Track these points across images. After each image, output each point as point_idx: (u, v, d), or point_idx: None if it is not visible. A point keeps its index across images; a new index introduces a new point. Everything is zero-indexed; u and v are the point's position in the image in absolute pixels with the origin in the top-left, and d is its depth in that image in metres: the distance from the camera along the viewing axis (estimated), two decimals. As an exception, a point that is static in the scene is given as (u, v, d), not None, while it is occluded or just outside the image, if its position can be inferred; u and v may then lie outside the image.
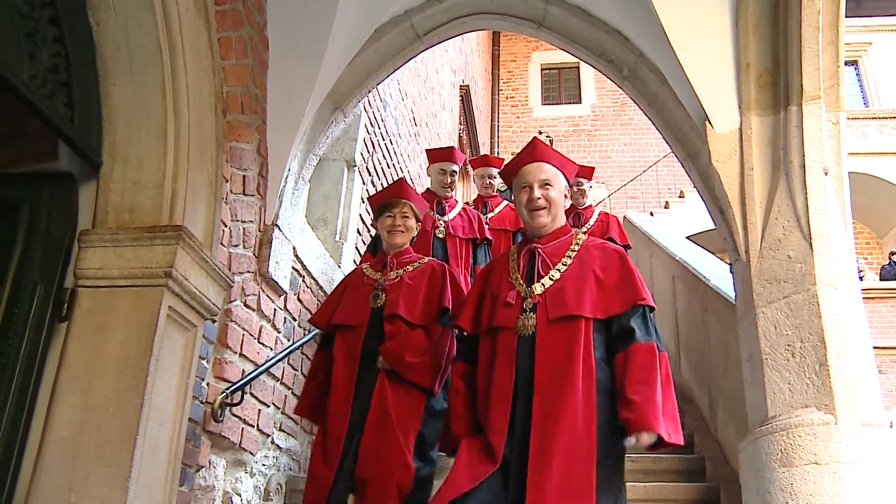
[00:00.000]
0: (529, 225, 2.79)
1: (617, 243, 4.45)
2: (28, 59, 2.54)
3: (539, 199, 2.72)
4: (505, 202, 5.71)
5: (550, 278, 2.65)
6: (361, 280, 3.42)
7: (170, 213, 2.91)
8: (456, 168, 5.24)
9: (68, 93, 2.75)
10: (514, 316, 2.61)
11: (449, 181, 5.20)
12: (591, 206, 5.70)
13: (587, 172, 5.77)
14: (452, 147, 5.51)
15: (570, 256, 2.70)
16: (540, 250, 2.73)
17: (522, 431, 2.43)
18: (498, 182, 5.82)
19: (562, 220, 2.81)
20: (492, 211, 5.60)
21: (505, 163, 3.29)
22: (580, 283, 2.61)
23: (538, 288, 2.63)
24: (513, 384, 2.52)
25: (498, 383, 2.54)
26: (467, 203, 5.72)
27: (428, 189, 5.27)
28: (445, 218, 5.05)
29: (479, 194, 5.86)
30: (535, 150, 2.83)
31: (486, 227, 5.32)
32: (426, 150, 5.59)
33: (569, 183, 2.87)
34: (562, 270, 2.66)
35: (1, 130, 3.04)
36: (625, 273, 2.64)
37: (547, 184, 2.74)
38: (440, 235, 4.94)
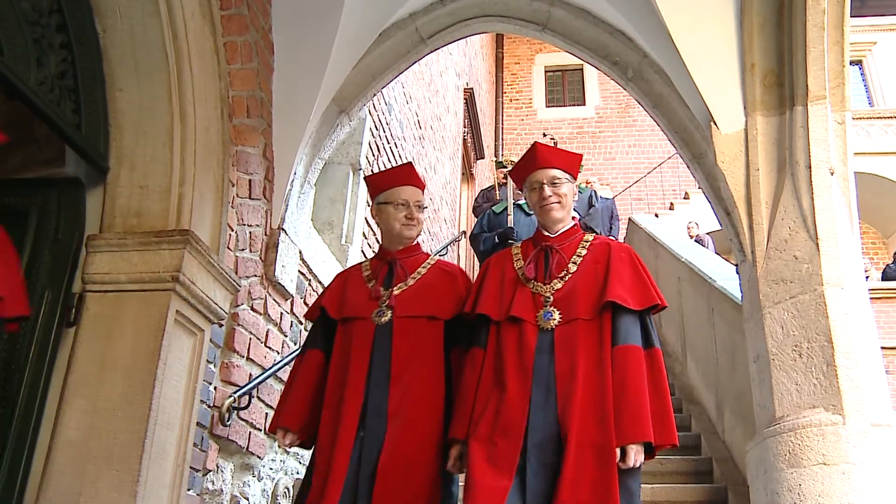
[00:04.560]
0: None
1: (628, 310, 2.46)
2: (36, 65, 2.56)
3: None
4: (434, 256, 3.00)
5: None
6: None
7: (177, 217, 2.92)
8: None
9: (75, 98, 2.77)
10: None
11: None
12: (575, 227, 2.72)
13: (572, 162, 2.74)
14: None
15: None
16: None
17: None
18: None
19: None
20: (402, 281, 2.77)
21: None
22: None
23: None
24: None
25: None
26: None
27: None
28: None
29: (381, 247, 2.95)
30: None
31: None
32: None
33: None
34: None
35: (9, 136, 3.05)
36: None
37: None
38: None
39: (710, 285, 5.03)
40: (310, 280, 4.38)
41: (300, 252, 4.11)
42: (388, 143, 6.29)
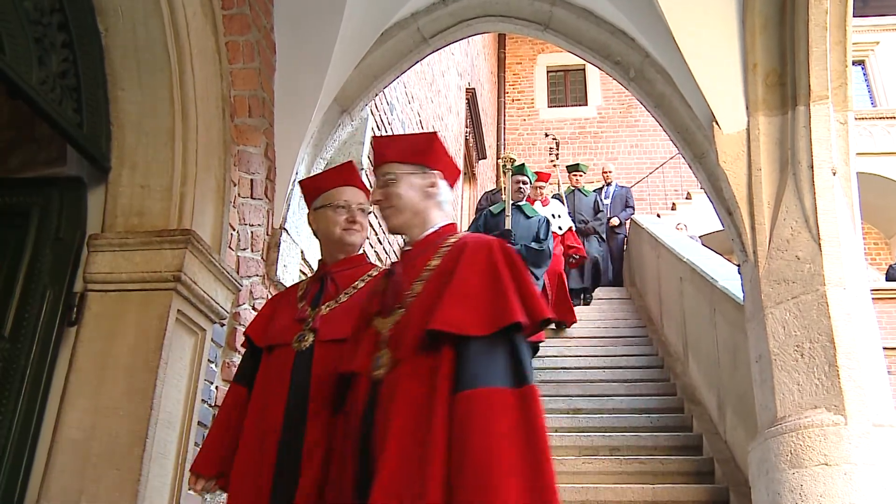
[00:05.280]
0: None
1: (476, 337, 1.75)
2: (37, 64, 2.56)
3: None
4: (374, 274, 2.43)
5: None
6: None
7: (178, 216, 2.92)
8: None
9: (77, 98, 2.77)
10: None
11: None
12: (442, 229, 2.01)
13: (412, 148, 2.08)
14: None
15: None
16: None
17: None
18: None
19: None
20: (331, 298, 2.39)
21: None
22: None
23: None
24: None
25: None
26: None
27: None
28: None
29: (320, 260, 2.55)
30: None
31: None
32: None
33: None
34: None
35: (11, 136, 3.07)
36: None
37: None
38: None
39: (711, 285, 5.02)
40: (311, 280, 4.38)
41: (302, 252, 4.11)
42: (390, 142, 6.27)
